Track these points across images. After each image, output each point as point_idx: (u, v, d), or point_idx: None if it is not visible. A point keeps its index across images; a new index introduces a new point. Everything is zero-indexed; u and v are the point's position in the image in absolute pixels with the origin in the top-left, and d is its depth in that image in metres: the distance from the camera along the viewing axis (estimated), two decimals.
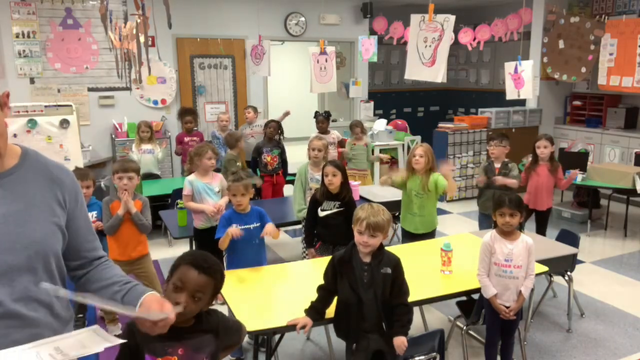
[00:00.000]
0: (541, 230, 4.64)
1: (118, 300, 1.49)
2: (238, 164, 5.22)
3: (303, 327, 2.49)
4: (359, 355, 2.50)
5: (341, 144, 6.10)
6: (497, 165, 4.50)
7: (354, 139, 5.82)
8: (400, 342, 2.40)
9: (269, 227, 3.25)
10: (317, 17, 8.11)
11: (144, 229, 3.45)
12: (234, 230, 3.13)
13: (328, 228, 3.71)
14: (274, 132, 5.56)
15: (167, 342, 1.63)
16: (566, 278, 3.64)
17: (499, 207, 2.85)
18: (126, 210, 3.38)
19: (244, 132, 6.31)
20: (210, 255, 1.76)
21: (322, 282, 2.60)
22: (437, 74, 4.79)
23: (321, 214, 3.71)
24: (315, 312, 2.55)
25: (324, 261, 3.41)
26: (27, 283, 1.35)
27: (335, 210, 3.65)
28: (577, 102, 7.70)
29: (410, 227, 4.02)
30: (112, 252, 3.47)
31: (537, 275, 2.93)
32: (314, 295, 2.61)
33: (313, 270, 3.29)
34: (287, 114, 6.55)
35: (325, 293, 2.58)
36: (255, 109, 6.53)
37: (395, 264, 2.50)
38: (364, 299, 2.46)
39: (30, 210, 1.39)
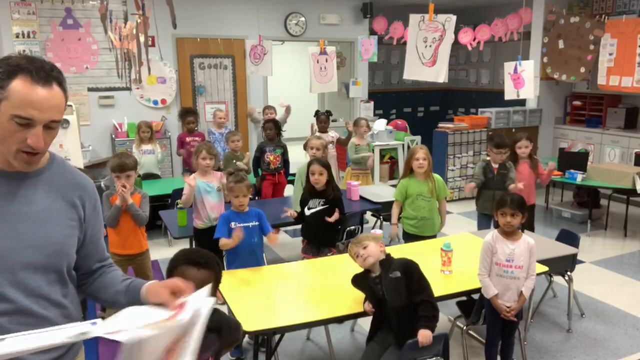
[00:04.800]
0: (530, 227, 4.63)
1: (122, 301, 1.51)
2: (238, 163, 5.20)
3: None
4: (374, 347, 2.59)
5: (340, 142, 6.10)
6: (495, 165, 4.50)
7: (357, 138, 5.81)
8: (426, 334, 2.41)
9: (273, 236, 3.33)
10: (317, 17, 8.11)
11: (139, 220, 3.48)
12: (238, 233, 3.14)
13: (313, 228, 3.75)
14: (273, 132, 5.55)
15: None
16: (566, 278, 3.64)
17: (500, 207, 2.85)
18: (123, 202, 3.40)
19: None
20: (202, 250, 1.77)
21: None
22: (438, 74, 4.79)
23: (307, 212, 3.74)
24: None
25: (323, 261, 3.43)
26: (41, 282, 1.38)
27: (320, 207, 3.67)
28: (577, 102, 7.70)
29: (419, 231, 4.00)
30: (112, 246, 3.50)
31: (537, 275, 2.93)
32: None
33: (313, 270, 3.29)
34: (288, 109, 6.53)
35: None
36: (275, 110, 6.54)
37: (405, 266, 2.56)
38: (390, 306, 2.53)
39: (53, 211, 1.41)
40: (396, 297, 2.50)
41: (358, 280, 2.69)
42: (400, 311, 2.50)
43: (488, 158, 4.59)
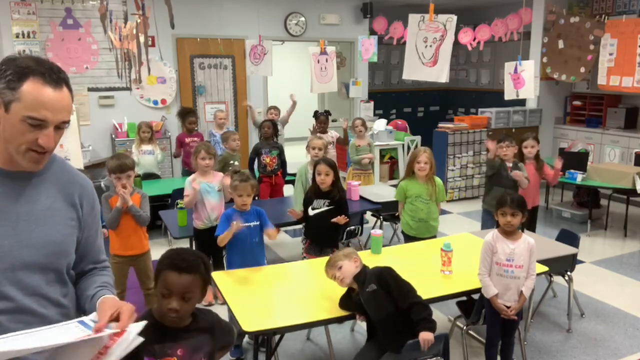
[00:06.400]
0: (531, 227, 4.63)
1: (87, 307, 1.49)
2: (236, 163, 5.16)
3: None
4: (371, 346, 2.61)
5: (339, 141, 6.09)
6: (509, 164, 4.48)
7: (356, 139, 5.81)
8: (427, 337, 2.39)
9: (271, 230, 3.31)
10: (317, 17, 8.11)
11: (141, 220, 3.49)
12: (237, 225, 3.13)
13: (317, 228, 3.74)
14: (269, 132, 5.52)
15: (166, 343, 1.63)
16: (566, 278, 3.64)
17: (500, 206, 2.85)
18: (123, 203, 3.40)
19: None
20: (188, 251, 1.75)
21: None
22: (439, 74, 4.78)
23: (311, 212, 3.72)
24: None
25: (323, 261, 3.42)
26: (40, 281, 1.39)
27: (325, 208, 3.66)
28: (577, 102, 7.70)
29: (417, 232, 4.00)
30: (113, 247, 3.50)
31: (537, 275, 2.93)
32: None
33: (313, 271, 3.29)
34: (294, 104, 6.54)
35: None
36: (278, 110, 6.52)
37: (378, 276, 2.54)
38: (373, 319, 2.54)
39: (54, 211, 1.43)
40: (377, 310, 2.49)
41: (344, 303, 2.66)
42: (385, 320, 2.49)
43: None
